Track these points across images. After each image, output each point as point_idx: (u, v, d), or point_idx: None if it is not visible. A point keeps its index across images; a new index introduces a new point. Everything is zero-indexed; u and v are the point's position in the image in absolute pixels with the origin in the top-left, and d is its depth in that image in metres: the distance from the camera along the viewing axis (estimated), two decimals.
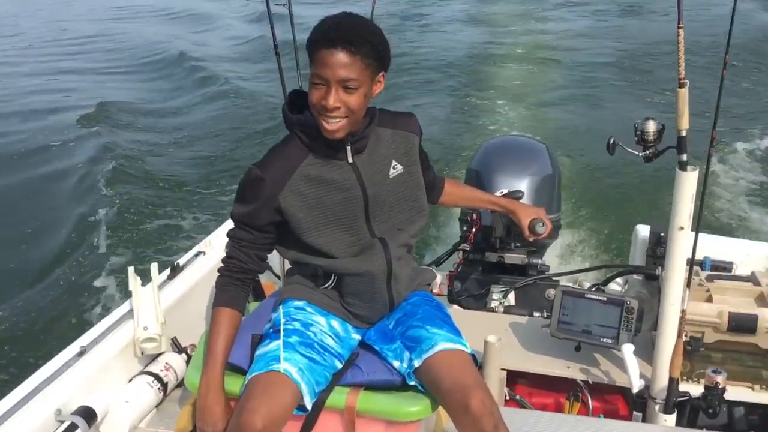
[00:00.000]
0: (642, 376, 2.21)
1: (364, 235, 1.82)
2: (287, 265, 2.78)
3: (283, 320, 1.82)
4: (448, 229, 5.18)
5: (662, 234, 2.69)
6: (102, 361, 2.01)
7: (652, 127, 2.07)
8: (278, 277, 2.86)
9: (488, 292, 3.03)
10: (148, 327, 2.08)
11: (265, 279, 2.70)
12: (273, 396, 1.62)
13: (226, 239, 2.66)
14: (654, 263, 2.71)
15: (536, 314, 2.89)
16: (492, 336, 2.18)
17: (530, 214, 2.16)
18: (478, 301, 3.04)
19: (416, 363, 1.75)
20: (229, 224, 2.85)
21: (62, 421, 1.81)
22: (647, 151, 2.08)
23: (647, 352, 2.30)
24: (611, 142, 2.11)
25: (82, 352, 1.99)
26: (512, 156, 3.19)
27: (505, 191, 2.90)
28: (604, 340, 2.29)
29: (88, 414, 1.86)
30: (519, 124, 9.11)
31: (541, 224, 2.10)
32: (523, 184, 2.98)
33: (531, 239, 2.14)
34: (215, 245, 2.71)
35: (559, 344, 2.41)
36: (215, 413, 1.75)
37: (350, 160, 1.79)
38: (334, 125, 1.69)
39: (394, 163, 1.86)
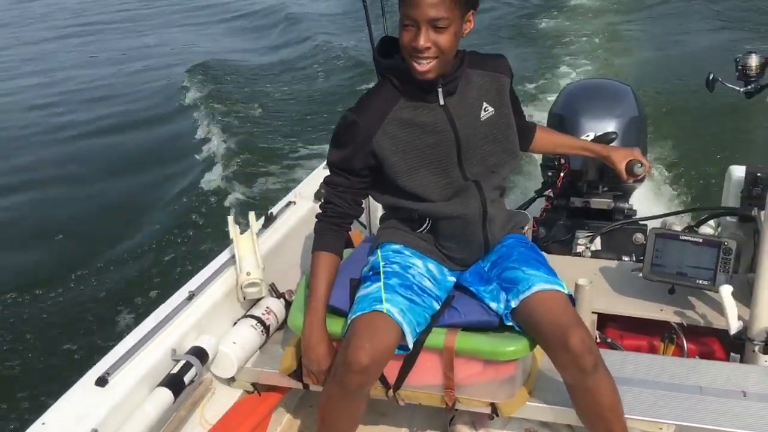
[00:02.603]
0: (739, 317, 2.17)
1: (458, 178, 1.84)
2: (373, 215, 2.85)
3: (382, 263, 1.86)
4: (525, 176, 5.12)
5: (759, 174, 2.60)
6: (209, 305, 2.11)
7: (754, 61, 1.99)
8: (364, 226, 2.92)
9: (574, 237, 3.01)
10: (251, 272, 2.17)
11: (352, 228, 2.76)
12: (377, 335, 1.68)
13: (314, 189, 2.77)
14: (750, 204, 2.63)
15: (625, 258, 2.86)
16: (582, 279, 2.17)
17: (626, 156, 2.09)
18: (564, 247, 3.03)
19: (513, 304, 1.77)
20: (317, 176, 2.95)
21: (177, 360, 1.92)
22: (749, 86, 2.02)
23: (743, 294, 2.25)
24: (710, 77, 2.05)
25: (190, 297, 2.09)
26: (597, 98, 3.11)
27: (592, 135, 2.85)
28: (700, 281, 2.25)
29: (200, 354, 1.96)
30: (599, 64, 8.82)
31: (639, 165, 2.04)
32: (610, 127, 2.92)
33: (630, 181, 2.09)
34: (304, 195, 2.78)
35: (651, 287, 2.39)
36: (320, 352, 1.83)
37: (441, 102, 1.80)
38: (426, 66, 1.69)
39: (485, 104, 1.86)
